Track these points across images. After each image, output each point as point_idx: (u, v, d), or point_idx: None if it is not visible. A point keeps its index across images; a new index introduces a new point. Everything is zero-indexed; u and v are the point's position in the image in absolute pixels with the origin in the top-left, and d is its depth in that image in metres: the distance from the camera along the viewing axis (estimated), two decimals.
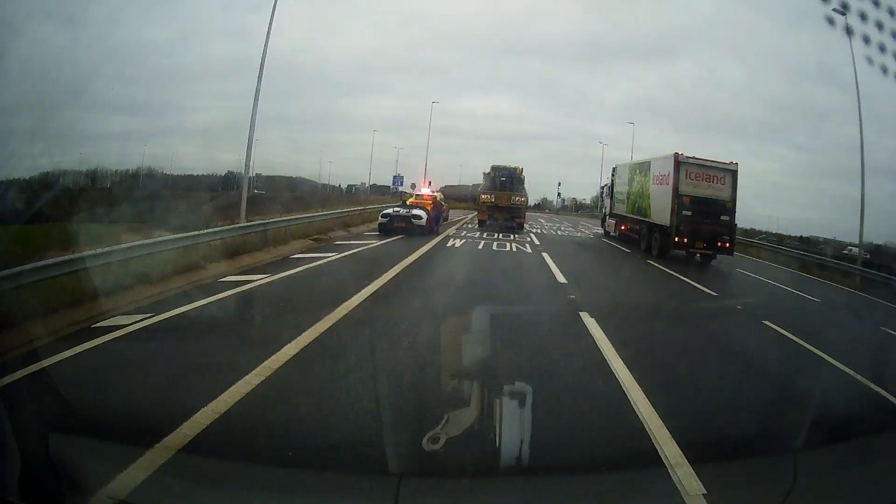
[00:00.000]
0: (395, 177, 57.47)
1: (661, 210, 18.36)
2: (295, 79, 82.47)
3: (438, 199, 26.79)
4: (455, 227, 25.81)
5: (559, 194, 67.55)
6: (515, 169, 28.87)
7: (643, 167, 21.09)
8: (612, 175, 25.67)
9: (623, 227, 23.20)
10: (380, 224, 19.80)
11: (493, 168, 29.12)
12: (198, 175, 47.27)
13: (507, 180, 28.26)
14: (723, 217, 17.52)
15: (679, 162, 17.60)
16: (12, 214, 12.00)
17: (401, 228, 19.34)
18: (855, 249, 22.24)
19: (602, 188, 29.46)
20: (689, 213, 17.30)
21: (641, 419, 4.57)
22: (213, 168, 56.80)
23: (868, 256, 21.85)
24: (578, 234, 27.68)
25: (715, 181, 17.66)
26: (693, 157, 17.88)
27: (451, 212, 37.71)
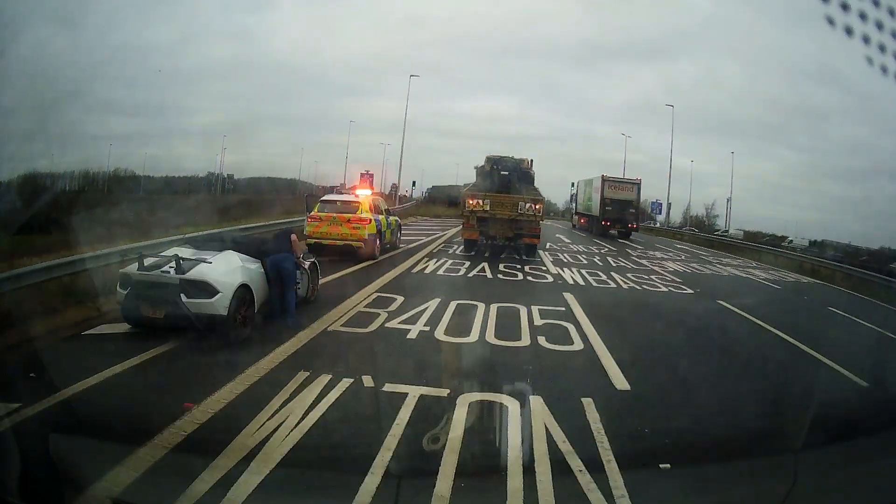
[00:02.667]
0: (362, 174, 44.71)
1: (596, 207, 28.19)
2: (294, 81, 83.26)
3: (366, 206, 13.32)
4: (396, 270, 12.04)
5: (573, 196, 55.91)
6: (522, 161, 17.88)
7: (589, 182, 30.59)
8: (577, 187, 34.28)
9: (581, 221, 32.25)
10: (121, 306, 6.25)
11: (490, 160, 17.69)
12: (177, 177, 45.18)
13: (510, 176, 17.23)
14: (630, 210, 28.04)
15: (604, 179, 27.99)
16: None
17: (161, 321, 5.86)
18: (797, 240, 36.95)
19: (571, 195, 36.91)
20: (610, 208, 27.44)
21: None
22: (211, 169, 51.77)
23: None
24: (661, 288, 12.27)
25: (626, 189, 27.90)
26: (612, 176, 28.85)
27: (431, 222, 27.91)
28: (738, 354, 7.46)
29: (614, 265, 15.81)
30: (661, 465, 3.88)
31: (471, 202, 15.85)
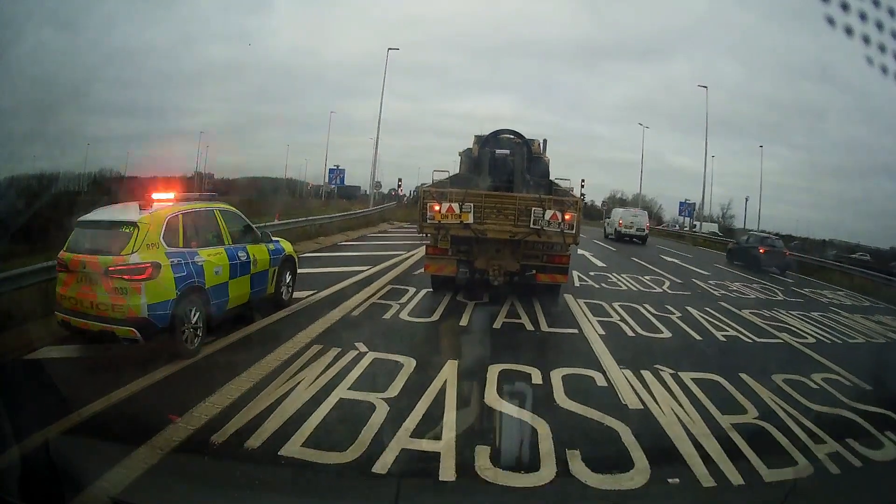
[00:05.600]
0: (331, 170, 36.61)
1: None
2: (294, 81, 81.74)
3: (152, 236, 5.16)
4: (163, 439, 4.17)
5: (583, 196, 49.91)
6: (532, 143, 10.70)
7: None
8: None
9: None
10: None
11: (481, 140, 10.53)
12: (160, 177, 41.49)
13: (513, 164, 10.13)
14: None
15: None
16: None
17: None
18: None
19: None
20: None
21: None
22: (201, 169, 48.98)
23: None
24: None
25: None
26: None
27: (407, 231, 20.37)
28: None
29: (743, 350, 7.66)
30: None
31: (436, 209, 7.91)
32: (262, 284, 7.10)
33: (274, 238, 7.73)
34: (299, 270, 10.47)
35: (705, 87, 35.53)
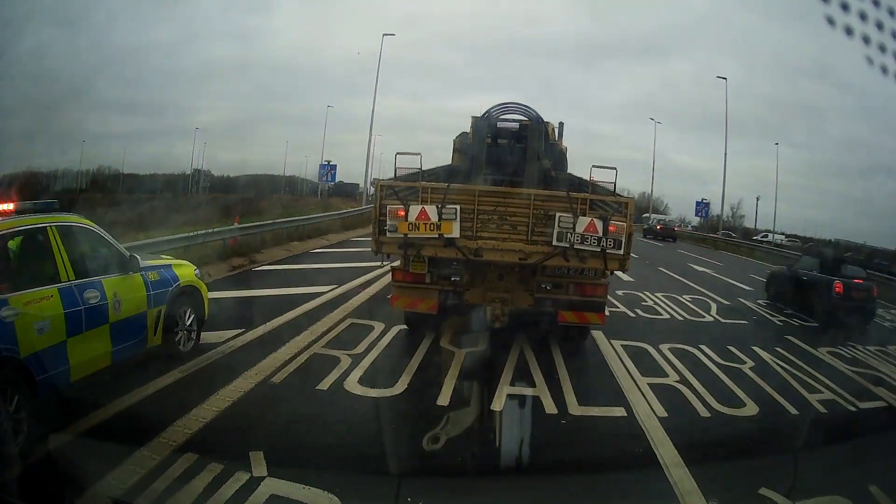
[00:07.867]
0: (322, 165, 34.07)
1: None
2: (295, 80, 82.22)
3: None
4: None
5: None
6: (546, 125, 7.08)
7: None
8: None
9: None
10: None
11: (478, 120, 7.11)
12: (160, 174, 43.76)
13: (520, 151, 6.74)
14: None
15: None
16: None
17: None
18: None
19: None
20: None
21: None
22: (202, 166, 48.68)
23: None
24: None
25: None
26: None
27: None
28: None
29: (851, 430, 5.10)
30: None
31: (401, 214, 5.34)
32: (137, 335, 4.63)
33: (166, 262, 5.24)
34: (244, 292, 8.21)
35: (724, 78, 32.96)
